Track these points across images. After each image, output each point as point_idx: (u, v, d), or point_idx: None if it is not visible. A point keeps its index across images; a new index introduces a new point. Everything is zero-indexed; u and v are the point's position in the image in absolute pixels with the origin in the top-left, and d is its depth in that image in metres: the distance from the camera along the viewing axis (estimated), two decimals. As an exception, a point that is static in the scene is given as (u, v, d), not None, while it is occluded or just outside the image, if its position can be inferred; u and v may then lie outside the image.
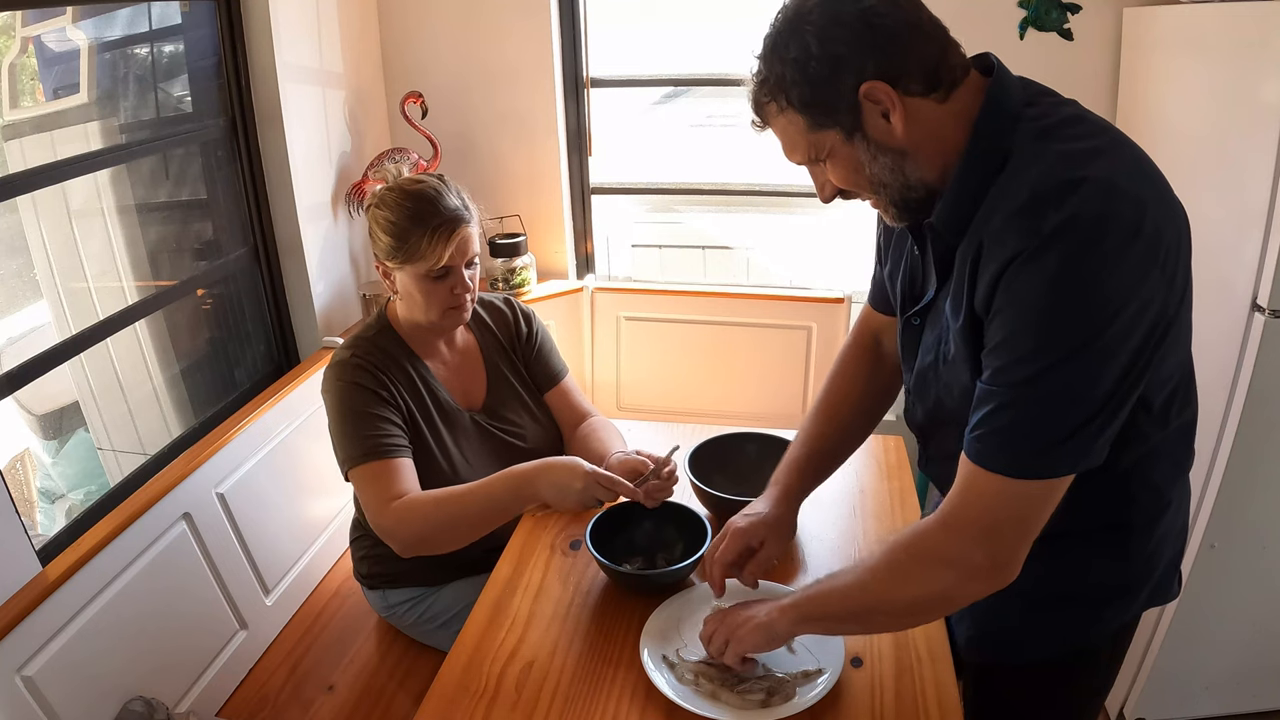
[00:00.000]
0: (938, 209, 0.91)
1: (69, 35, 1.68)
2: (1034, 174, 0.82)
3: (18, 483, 1.81)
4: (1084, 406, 0.81)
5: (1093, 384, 0.81)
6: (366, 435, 1.34)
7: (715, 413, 2.58)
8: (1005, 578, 0.88)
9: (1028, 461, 0.83)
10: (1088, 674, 1.11)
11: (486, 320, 1.58)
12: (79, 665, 1.32)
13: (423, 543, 1.32)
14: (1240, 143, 1.53)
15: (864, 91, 0.84)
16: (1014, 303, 0.81)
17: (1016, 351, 0.82)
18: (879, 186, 0.91)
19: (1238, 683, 1.87)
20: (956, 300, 0.90)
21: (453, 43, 2.40)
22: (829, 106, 0.86)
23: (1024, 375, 0.81)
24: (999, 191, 0.85)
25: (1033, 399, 0.82)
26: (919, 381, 1.04)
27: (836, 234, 2.66)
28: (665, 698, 1.04)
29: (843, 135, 0.88)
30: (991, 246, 0.83)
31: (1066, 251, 0.77)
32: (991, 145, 0.86)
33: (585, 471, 1.23)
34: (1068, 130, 0.85)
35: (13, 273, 1.68)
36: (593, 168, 2.60)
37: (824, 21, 0.84)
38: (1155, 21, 1.88)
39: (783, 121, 0.91)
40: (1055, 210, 0.78)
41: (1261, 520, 1.67)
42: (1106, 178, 0.79)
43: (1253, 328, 1.51)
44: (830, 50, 0.84)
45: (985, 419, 0.85)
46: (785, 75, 0.87)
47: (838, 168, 0.91)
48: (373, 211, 1.40)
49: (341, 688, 1.56)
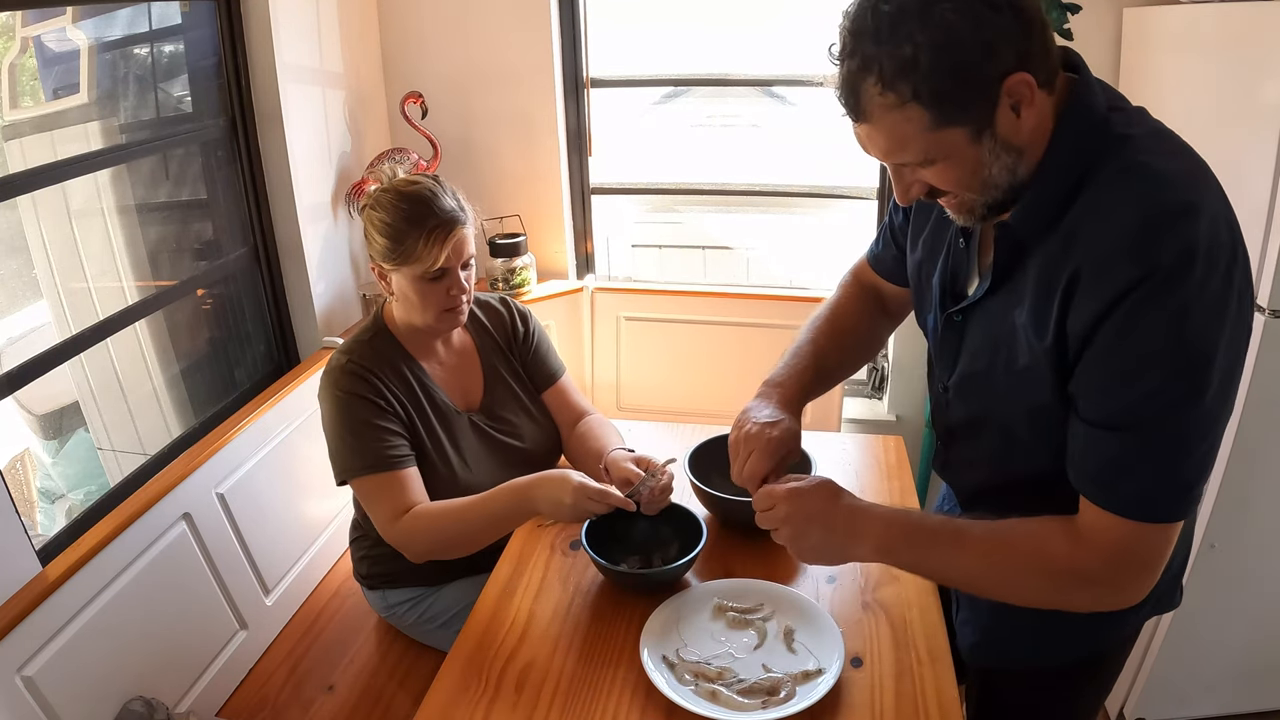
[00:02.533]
0: (1018, 208, 0.85)
1: (69, 35, 1.68)
2: (1135, 193, 0.78)
3: (18, 483, 1.81)
4: (1208, 442, 0.80)
5: (1215, 417, 0.79)
6: (370, 448, 1.35)
7: (715, 413, 2.57)
8: (1140, 597, 0.86)
9: (1165, 509, 0.81)
10: (1090, 681, 1.11)
11: (483, 320, 1.58)
12: (79, 665, 1.32)
13: (432, 554, 1.35)
14: (1240, 143, 1.52)
15: (1009, 85, 0.76)
16: (1136, 339, 0.77)
17: (1138, 390, 0.78)
18: (990, 188, 0.83)
19: (1237, 683, 1.87)
20: (1039, 316, 0.84)
21: (453, 43, 2.40)
22: (966, 101, 0.76)
23: (1148, 414, 0.78)
24: (1093, 203, 0.80)
25: (1160, 441, 0.79)
26: (965, 384, 0.99)
27: (836, 234, 2.66)
28: (665, 698, 1.04)
29: (970, 134, 0.78)
30: (1095, 270, 0.78)
31: (1188, 283, 0.74)
32: (1079, 147, 0.81)
33: (574, 486, 1.22)
34: (1160, 146, 0.82)
35: (13, 273, 1.68)
36: (593, 168, 2.60)
37: (969, 1, 0.73)
38: (1155, 21, 1.88)
39: (898, 116, 0.78)
40: (1171, 238, 0.74)
41: (1261, 520, 1.67)
42: (1210, 204, 0.77)
43: (1253, 328, 1.51)
44: (981, 35, 0.73)
45: (1108, 463, 0.81)
46: (917, 59, 0.74)
47: (951, 169, 0.82)
48: (368, 213, 1.39)
49: (341, 688, 1.56)
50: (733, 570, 1.27)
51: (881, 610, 1.18)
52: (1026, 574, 0.88)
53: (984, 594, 0.98)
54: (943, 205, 0.90)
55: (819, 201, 2.56)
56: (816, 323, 1.24)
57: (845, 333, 1.23)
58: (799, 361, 1.18)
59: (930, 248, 1.04)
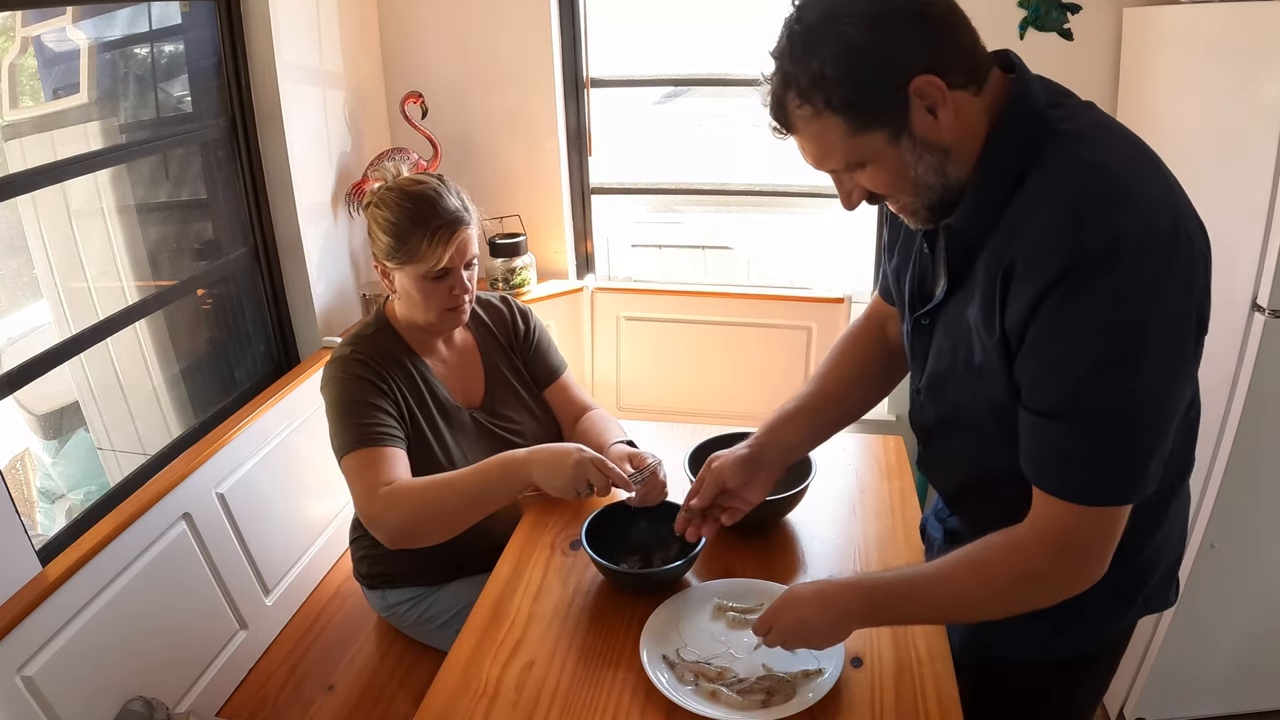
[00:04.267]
0: (960, 210, 0.87)
1: (69, 35, 1.68)
2: (1067, 185, 0.79)
3: (18, 483, 1.81)
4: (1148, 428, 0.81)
5: (1154, 403, 0.80)
6: (359, 423, 1.34)
7: (715, 413, 2.58)
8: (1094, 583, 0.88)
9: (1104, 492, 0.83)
10: (1083, 678, 1.11)
11: (484, 319, 1.58)
12: (79, 665, 1.32)
13: (410, 531, 1.29)
14: (1240, 143, 1.53)
15: (915, 87, 0.79)
16: (1066, 327, 0.78)
17: (1072, 377, 0.79)
18: (922, 189, 0.86)
19: (1237, 683, 1.87)
20: (987, 312, 0.87)
21: (453, 43, 2.40)
22: (875, 106, 0.80)
23: (1083, 401, 0.80)
24: (1029, 199, 0.82)
25: (1096, 426, 0.80)
26: (933, 384, 1.02)
27: (836, 234, 2.66)
28: (665, 698, 1.04)
29: (888, 137, 0.82)
30: (1028, 262, 0.80)
31: (1116, 271, 0.75)
32: (1016, 145, 0.83)
33: (576, 452, 1.23)
34: (1098, 138, 0.83)
35: (13, 273, 1.68)
36: (593, 168, 2.60)
37: (870, 12, 0.78)
38: (1155, 21, 1.88)
39: (817, 126, 0.83)
40: (1098, 227, 0.76)
41: (1261, 520, 1.67)
42: (1145, 192, 0.78)
43: (1253, 328, 1.51)
44: (880, 43, 0.78)
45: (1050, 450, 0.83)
46: (824, 73, 0.79)
47: (879, 172, 0.85)
48: (371, 211, 1.39)
49: (341, 688, 1.56)
50: (733, 570, 1.27)
51: (881, 610, 1.18)
52: (981, 599, 0.93)
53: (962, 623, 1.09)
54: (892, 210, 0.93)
55: (819, 201, 2.56)
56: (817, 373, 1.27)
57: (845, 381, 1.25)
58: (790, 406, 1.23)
59: (905, 254, 1.07)
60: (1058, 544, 0.86)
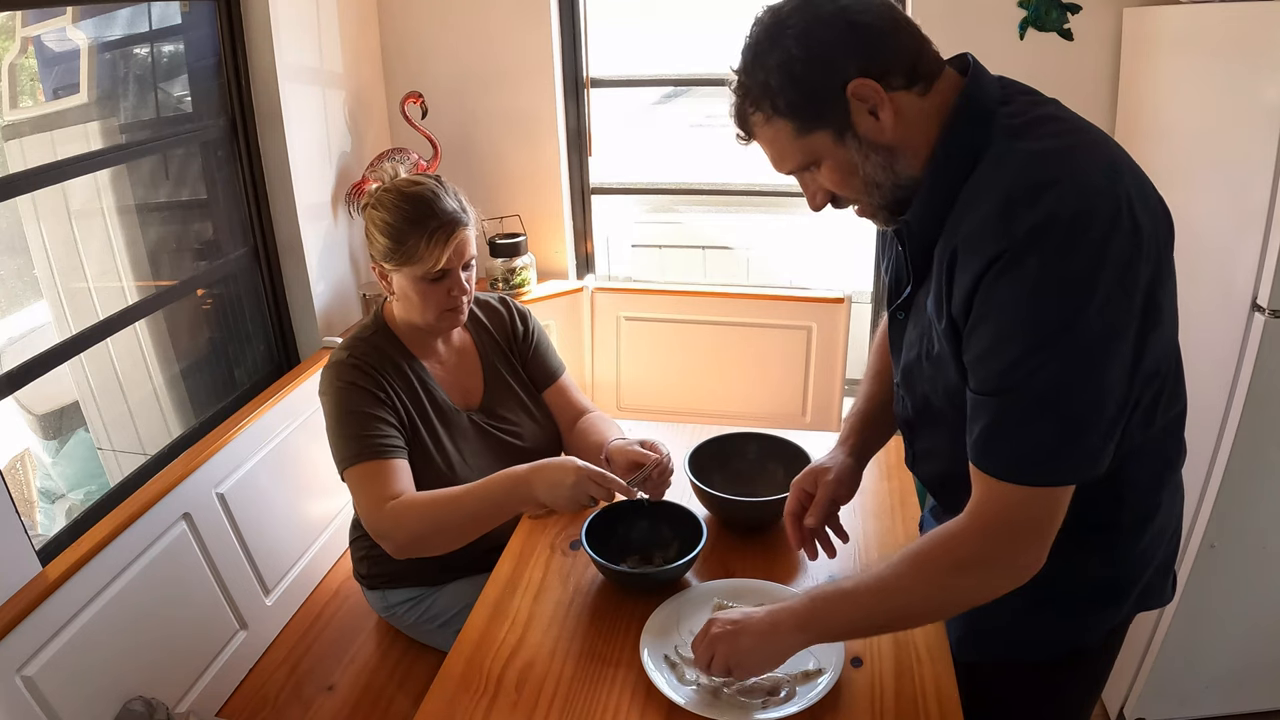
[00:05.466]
0: (913, 207, 0.91)
1: (69, 35, 1.68)
2: (1006, 174, 0.82)
3: (18, 483, 1.80)
4: (1080, 408, 0.81)
5: (1086, 384, 0.81)
6: (361, 435, 1.34)
7: (715, 413, 2.58)
8: (1030, 575, 0.88)
9: (1032, 470, 0.84)
10: (1079, 674, 1.12)
11: (483, 320, 1.58)
12: (79, 665, 1.32)
13: (417, 544, 1.31)
14: (1240, 143, 1.53)
15: (851, 90, 0.84)
16: (998, 309, 0.81)
17: (1004, 358, 0.82)
18: (872, 187, 0.91)
19: (1237, 683, 1.87)
20: (938, 300, 0.90)
21: (453, 43, 2.40)
22: (817, 108, 0.86)
23: (1015, 381, 0.82)
24: (971, 192, 0.86)
25: (1028, 405, 0.82)
26: (905, 376, 1.05)
27: (836, 234, 2.66)
28: (665, 698, 1.04)
29: (833, 136, 0.88)
30: (966, 250, 0.83)
31: (1045, 253, 0.78)
32: (963, 142, 0.86)
33: (577, 467, 1.23)
34: (1041, 129, 0.85)
35: (13, 273, 1.68)
36: (593, 168, 2.60)
37: (805, 24, 0.84)
38: (1155, 21, 1.88)
39: (770, 131, 0.90)
40: (1029, 211, 0.78)
41: (1261, 520, 1.67)
42: (1080, 176, 0.79)
43: (1253, 328, 1.51)
44: (814, 52, 0.84)
45: (985, 429, 0.85)
46: (769, 82, 0.86)
47: (831, 171, 0.91)
48: (369, 212, 1.39)
49: (341, 688, 1.56)
50: (733, 570, 1.28)
51: (881, 610, 1.18)
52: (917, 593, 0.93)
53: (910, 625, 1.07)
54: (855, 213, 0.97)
55: (818, 202, 2.56)
56: (867, 369, 1.31)
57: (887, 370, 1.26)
58: (857, 407, 1.29)
59: (887, 252, 1.11)
60: (991, 527, 0.87)
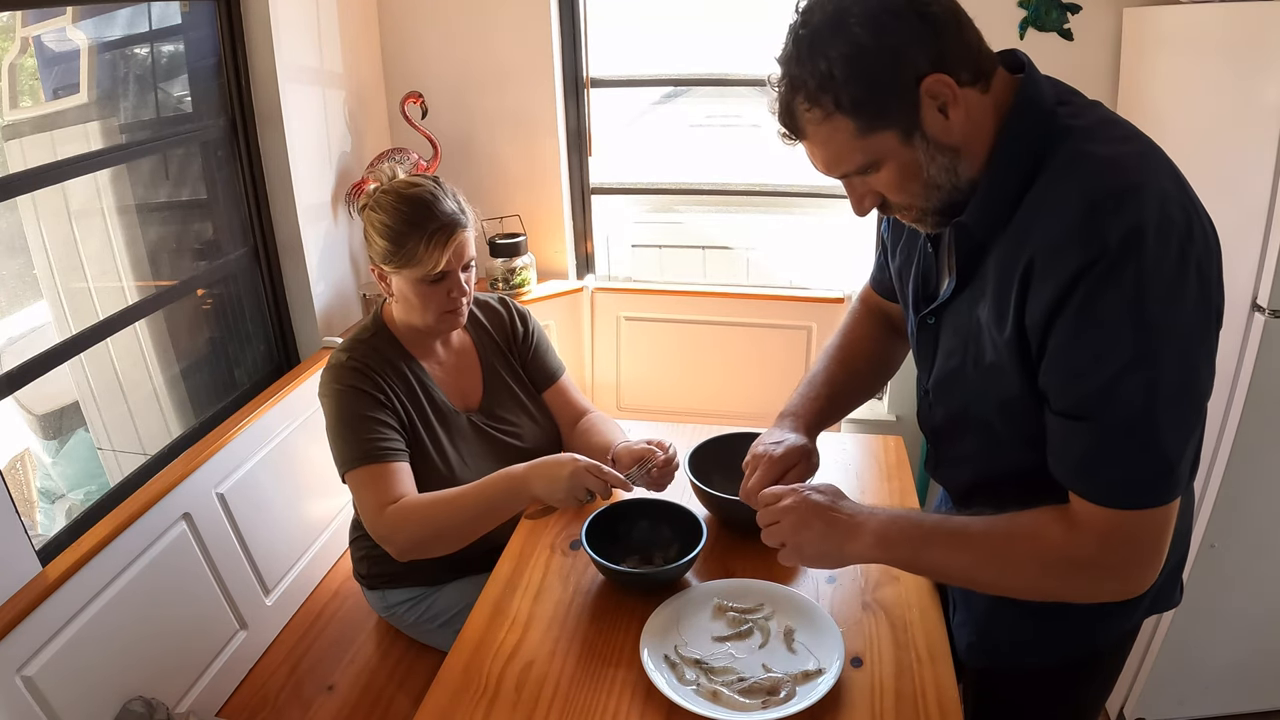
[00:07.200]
0: (970, 207, 0.87)
1: (69, 35, 1.68)
2: (1081, 179, 0.79)
3: (18, 483, 1.80)
4: (1186, 413, 0.80)
5: (1191, 390, 0.79)
6: (362, 438, 1.34)
7: (715, 413, 2.58)
8: (1143, 588, 0.86)
9: (1150, 494, 0.81)
10: (1089, 680, 1.11)
11: (482, 321, 1.58)
12: (79, 665, 1.32)
13: (419, 547, 1.32)
14: (1240, 143, 1.53)
15: (926, 86, 0.79)
16: (1095, 323, 0.77)
17: (1103, 374, 0.78)
18: (932, 190, 0.85)
19: (1237, 683, 1.87)
20: (999, 310, 0.86)
21: (453, 43, 2.40)
22: (885, 105, 0.80)
23: (1115, 399, 0.78)
24: (1041, 195, 0.82)
25: (1135, 424, 0.78)
26: (941, 384, 1.01)
27: (836, 234, 2.66)
28: (665, 698, 1.04)
29: (899, 136, 0.81)
30: (1048, 259, 0.79)
31: (1141, 260, 0.74)
32: (1026, 143, 0.83)
33: (573, 459, 1.23)
34: (1109, 133, 0.82)
35: (13, 273, 1.68)
36: (593, 168, 2.60)
37: (873, 13, 0.78)
38: (1155, 21, 1.88)
39: (826, 129, 0.83)
40: (1115, 218, 0.75)
41: (1261, 520, 1.67)
42: (1155, 184, 0.77)
43: (1253, 328, 1.51)
44: (886, 43, 0.78)
45: (1087, 455, 0.81)
46: (833, 75, 0.79)
47: (892, 174, 0.85)
48: (368, 214, 1.39)
49: (341, 688, 1.56)
50: (733, 570, 1.27)
51: (881, 610, 1.18)
52: (1023, 564, 0.88)
53: (984, 588, 0.99)
54: (899, 219, 0.93)
55: (819, 201, 2.56)
56: (829, 351, 1.27)
57: (857, 357, 1.26)
58: (811, 390, 1.23)
59: (906, 254, 1.07)
60: (1104, 538, 0.83)
